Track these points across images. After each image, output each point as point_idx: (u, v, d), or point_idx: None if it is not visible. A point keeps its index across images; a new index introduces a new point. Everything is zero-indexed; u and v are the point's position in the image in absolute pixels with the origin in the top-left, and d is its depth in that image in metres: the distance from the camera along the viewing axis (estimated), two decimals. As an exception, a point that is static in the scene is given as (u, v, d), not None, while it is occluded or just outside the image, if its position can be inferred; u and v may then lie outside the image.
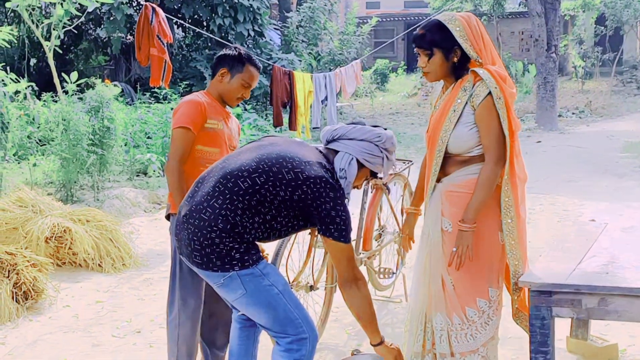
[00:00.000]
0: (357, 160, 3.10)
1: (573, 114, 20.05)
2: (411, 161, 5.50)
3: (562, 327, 4.09)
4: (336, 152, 3.12)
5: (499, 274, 3.40)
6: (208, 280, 2.99)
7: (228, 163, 3.04)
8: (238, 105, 10.97)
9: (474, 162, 3.32)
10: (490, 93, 3.21)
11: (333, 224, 2.92)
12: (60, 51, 12.66)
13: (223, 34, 15.21)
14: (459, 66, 3.33)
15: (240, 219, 2.87)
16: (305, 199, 2.91)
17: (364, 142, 3.11)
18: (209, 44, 15.15)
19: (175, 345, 3.66)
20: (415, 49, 3.39)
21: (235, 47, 3.82)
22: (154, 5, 7.75)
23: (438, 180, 3.42)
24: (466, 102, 3.27)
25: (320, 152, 3.12)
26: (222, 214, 2.87)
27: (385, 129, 3.22)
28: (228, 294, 2.97)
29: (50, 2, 9.71)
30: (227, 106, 3.85)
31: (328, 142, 3.18)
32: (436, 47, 3.30)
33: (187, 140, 3.58)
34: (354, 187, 3.20)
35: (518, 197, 3.33)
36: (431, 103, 3.58)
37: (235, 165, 2.99)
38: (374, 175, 3.22)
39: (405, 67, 30.35)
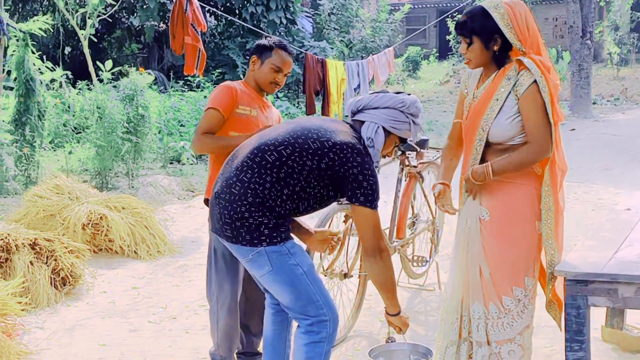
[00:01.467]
0: (384, 128, 3.13)
1: (608, 101, 19.81)
2: (445, 149, 5.47)
3: (597, 316, 4.07)
4: (362, 122, 3.15)
5: (535, 263, 3.39)
6: (237, 254, 3.04)
7: (256, 139, 3.09)
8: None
9: (514, 150, 3.30)
10: (535, 81, 3.18)
11: (360, 188, 2.94)
12: (95, 39, 12.82)
13: (255, 22, 15.23)
14: (500, 54, 3.30)
15: (269, 192, 2.91)
16: (332, 165, 2.94)
17: (388, 110, 3.14)
18: (242, 32, 15.19)
19: (216, 330, 3.72)
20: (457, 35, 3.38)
21: (266, 37, 3.89)
22: (188, -6, 7.78)
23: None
24: (510, 92, 3.24)
25: (347, 124, 3.15)
26: (251, 188, 2.91)
27: (409, 94, 3.23)
28: (255, 270, 3.02)
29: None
30: (266, 95, 3.93)
31: (353, 114, 3.21)
32: (475, 35, 3.27)
33: (214, 119, 3.69)
34: (384, 156, 3.24)
35: (557, 187, 3.31)
36: (465, 90, 3.53)
37: (262, 140, 3.04)
38: (403, 141, 3.24)
39: (437, 54, 30.15)
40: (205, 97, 12.16)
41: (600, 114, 17.51)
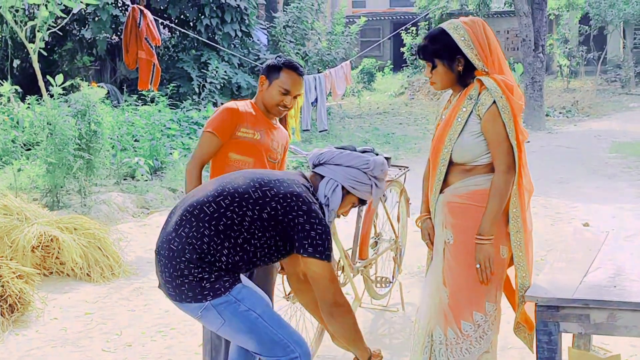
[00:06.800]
0: (344, 187, 3.00)
1: (560, 113, 20.09)
2: (407, 167, 5.40)
3: (563, 336, 4.01)
4: (322, 177, 3.01)
5: (497, 288, 3.32)
6: (188, 313, 2.88)
7: (196, 192, 2.95)
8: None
9: (477, 172, 3.24)
10: (495, 102, 3.13)
11: (308, 239, 2.78)
12: (45, 52, 12.44)
13: (210, 35, 15.06)
14: (465, 75, 3.24)
15: (207, 246, 2.75)
16: (276, 215, 2.79)
17: (351, 169, 3.00)
18: (196, 45, 15.00)
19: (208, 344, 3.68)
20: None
21: (278, 56, 3.74)
22: (142, 8, 7.62)
23: (441, 191, 3.33)
24: (471, 111, 3.18)
25: (304, 176, 3.02)
26: (189, 243, 2.76)
27: (377, 154, 3.09)
28: (210, 325, 2.88)
29: (34, 4, 9.53)
30: (275, 118, 3.80)
31: (314, 165, 3.06)
32: (438, 58, 3.21)
33: (211, 144, 3.60)
34: (339, 215, 3.09)
35: (525, 208, 3.25)
36: (438, 111, 3.49)
37: (202, 192, 2.90)
38: (362, 202, 3.10)
39: (392, 66, 30.30)
40: (159, 111, 11.95)
41: (553, 126, 17.73)
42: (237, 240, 2.78)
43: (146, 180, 9.67)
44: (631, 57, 26.55)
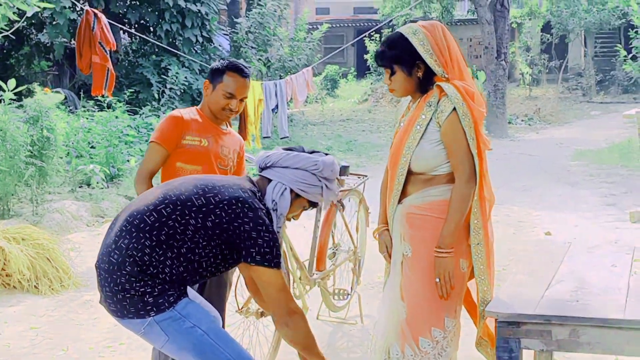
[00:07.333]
0: (292, 190, 2.85)
1: (522, 121, 20.18)
2: (366, 176, 5.27)
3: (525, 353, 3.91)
4: (270, 180, 2.86)
5: (457, 302, 3.19)
6: (131, 329, 2.70)
7: (137, 201, 2.78)
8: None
9: (437, 182, 3.10)
10: (455, 109, 3.00)
11: (255, 247, 2.64)
12: (1, 55, 12.09)
13: (170, 40, 14.83)
14: (424, 81, 3.10)
15: (149, 258, 2.59)
16: (220, 223, 2.64)
17: (299, 171, 2.84)
18: (156, 50, 14.77)
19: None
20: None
21: (221, 59, 3.61)
22: (96, 11, 7.41)
23: (400, 201, 3.19)
24: (431, 118, 3.05)
25: (251, 180, 2.87)
26: (129, 255, 2.59)
27: (326, 154, 2.94)
28: (154, 343, 2.71)
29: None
30: (224, 123, 3.68)
31: (261, 169, 2.91)
32: (397, 64, 3.08)
33: (157, 155, 3.48)
34: (289, 219, 2.94)
35: (486, 220, 3.13)
36: (396, 118, 3.35)
37: (143, 200, 2.73)
38: (313, 204, 2.95)
39: (356, 73, 30.27)
40: (117, 117, 11.69)
41: (515, 134, 17.79)
42: (181, 250, 2.63)
43: (102, 188, 9.43)
44: (592, 65, 26.84)
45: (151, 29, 15.36)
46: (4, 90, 8.39)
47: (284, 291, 2.73)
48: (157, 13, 14.93)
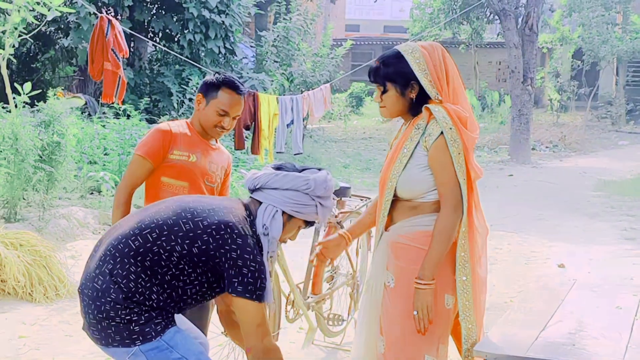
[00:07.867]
0: (285, 212, 2.69)
1: (547, 147, 19.87)
2: (369, 198, 5.10)
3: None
4: (261, 202, 2.71)
5: (441, 341, 2.98)
6: (115, 358, 2.58)
7: (122, 224, 2.65)
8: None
9: (425, 210, 2.92)
10: (442, 133, 2.83)
11: (238, 276, 2.49)
12: (27, 59, 12.09)
13: (193, 50, 14.78)
14: (418, 102, 2.94)
15: (135, 284, 2.47)
16: (207, 250, 2.50)
17: (289, 192, 2.68)
18: (179, 60, 14.74)
19: None
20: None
21: (216, 72, 3.46)
22: (110, 17, 7.33)
23: (386, 229, 3.03)
24: (418, 142, 2.88)
25: (243, 203, 2.72)
26: (114, 281, 2.47)
27: (320, 169, 2.79)
28: None
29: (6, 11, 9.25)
30: (214, 139, 3.52)
31: (251, 191, 2.76)
32: (390, 82, 2.92)
33: (141, 168, 3.35)
34: (284, 241, 2.79)
35: (475, 253, 2.93)
36: (389, 142, 3.19)
37: (127, 225, 2.60)
38: (309, 223, 2.80)
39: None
40: (133, 125, 11.64)
41: (538, 160, 17.50)
42: (165, 277, 2.51)
43: (112, 196, 9.33)
44: (623, 94, 26.46)
45: (175, 38, 15.34)
46: (19, 94, 8.36)
47: (262, 326, 2.59)
48: (181, 22, 14.92)
